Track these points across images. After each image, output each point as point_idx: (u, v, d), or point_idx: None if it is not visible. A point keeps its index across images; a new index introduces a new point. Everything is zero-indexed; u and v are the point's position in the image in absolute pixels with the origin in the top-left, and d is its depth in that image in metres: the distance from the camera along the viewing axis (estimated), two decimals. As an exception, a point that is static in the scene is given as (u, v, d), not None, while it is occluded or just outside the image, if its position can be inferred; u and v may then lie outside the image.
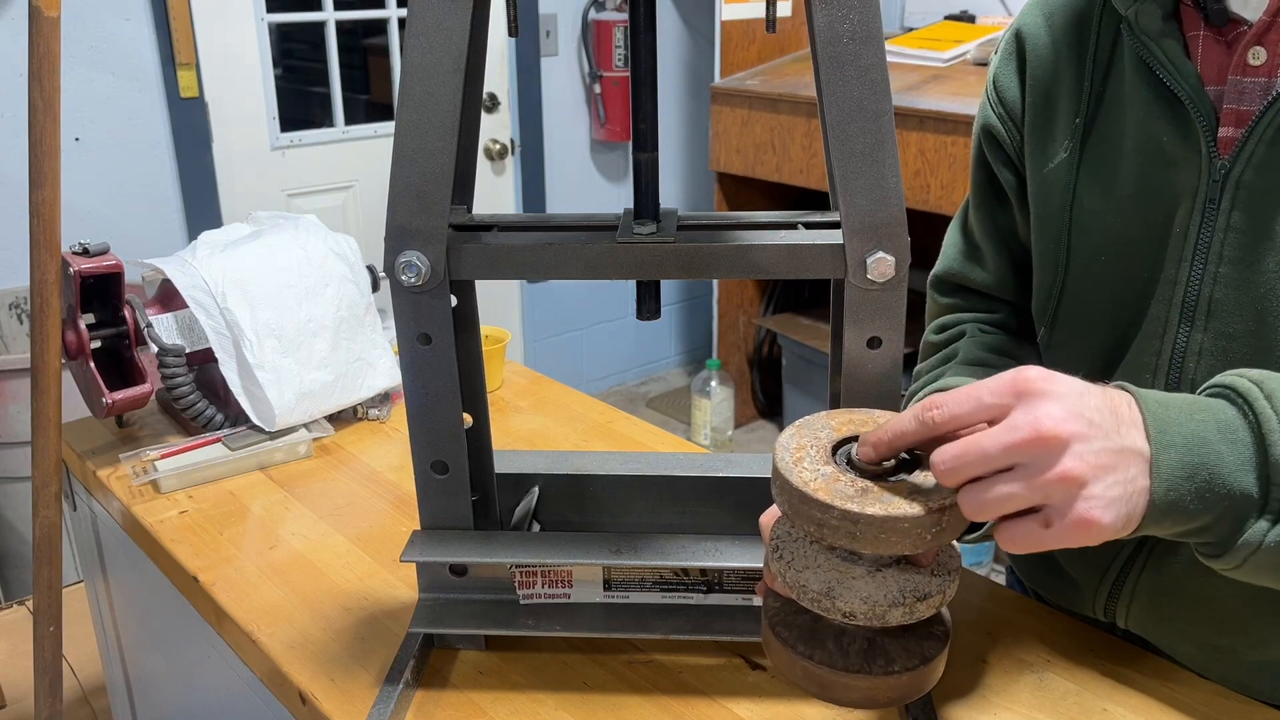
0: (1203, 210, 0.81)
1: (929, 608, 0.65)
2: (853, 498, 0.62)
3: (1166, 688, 0.88)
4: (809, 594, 0.66)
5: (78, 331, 1.29)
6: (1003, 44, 0.97)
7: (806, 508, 0.62)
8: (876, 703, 0.69)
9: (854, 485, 0.63)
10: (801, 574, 0.67)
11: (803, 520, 0.63)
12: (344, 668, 0.93)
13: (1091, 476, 0.60)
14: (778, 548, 0.70)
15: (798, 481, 0.63)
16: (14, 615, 2.37)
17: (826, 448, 0.66)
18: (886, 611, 0.64)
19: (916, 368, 1.06)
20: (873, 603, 0.64)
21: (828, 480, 0.63)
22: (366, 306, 1.41)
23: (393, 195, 0.79)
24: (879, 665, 0.68)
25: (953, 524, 0.63)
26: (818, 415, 0.70)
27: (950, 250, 1.07)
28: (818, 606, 0.66)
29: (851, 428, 0.68)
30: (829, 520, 0.62)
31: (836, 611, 0.65)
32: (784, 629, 0.71)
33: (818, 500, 0.62)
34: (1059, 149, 0.90)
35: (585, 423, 1.44)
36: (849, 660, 0.68)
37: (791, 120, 3.18)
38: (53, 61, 1.24)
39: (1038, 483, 0.59)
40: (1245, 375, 0.67)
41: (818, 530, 0.63)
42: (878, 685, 0.68)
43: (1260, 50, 0.77)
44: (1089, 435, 0.60)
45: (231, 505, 1.23)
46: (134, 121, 2.82)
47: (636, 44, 0.79)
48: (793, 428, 0.69)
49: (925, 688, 0.70)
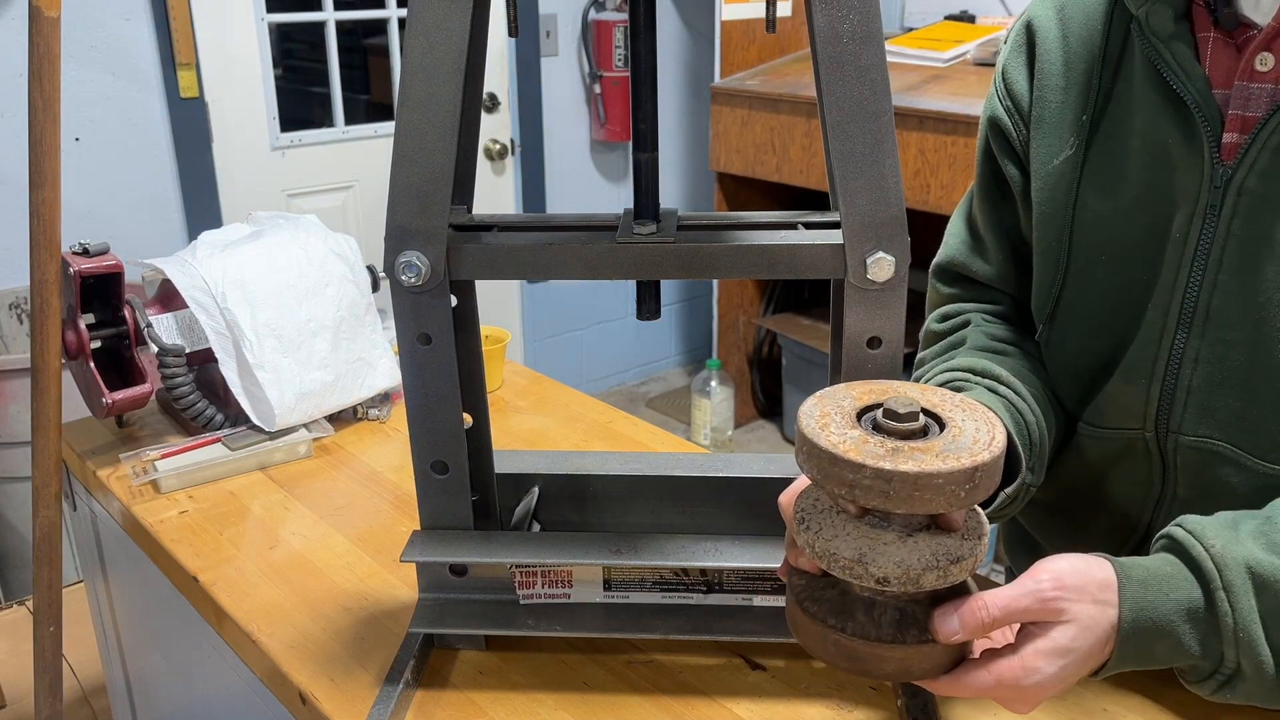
0: (1204, 216, 0.80)
1: (962, 570, 0.65)
2: (884, 457, 0.61)
3: (1166, 688, 0.88)
4: (840, 562, 0.65)
5: (78, 331, 1.29)
6: (1013, 35, 0.96)
7: (837, 469, 0.62)
8: (910, 674, 0.69)
9: (883, 446, 0.62)
10: (831, 542, 0.66)
11: (833, 483, 0.63)
12: (344, 668, 0.93)
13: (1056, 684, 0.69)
14: (804, 519, 0.68)
15: (827, 444, 0.63)
16: (14, 615, 2.37)
17: (850, 414, 0.66)
18: (921, 575, 0.63)
19: (918, 356, 1.06)
20: (906, 566, 0.63)
21: (857, 442, 0.63)
22: (366, 306, 1.41)
23: (393, 195, 0.79)
24: (912, 635, 0.67)
25: (985, 481, 0.63)
26: (836, 387, 0.70)
27: (953, 240, 1.06)
28: (850, 574, 0.65)
29: (872, 396, 0.68)
30: (861, 480, 0.61)
31: (869, 578, 0.64)
32: (812, 604, 0.70)
33: (849, 460, 0.61)
34: (1065, 146, 0.89)
35: (585, 423, 1.44)
36: (882, 631, 0.67)
37: (791, 120, 3.18)
38: (53, 61, 1.24)
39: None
40: (1211, 552, 0.72)
41: (849, 492, 0.62)
42: (911, 655, 0.67)
43: (1268, 56, 0.76)
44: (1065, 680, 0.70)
45: (231, 505, 1.23)
46: (134, 121, 2.82)
47: (636, 44, 0.79)
48: (814, 398, 0.68)
49: (959, 658, 0.69)
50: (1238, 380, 0.82)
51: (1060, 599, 0.68)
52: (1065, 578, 0.68)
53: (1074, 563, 0.70)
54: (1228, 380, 0.82)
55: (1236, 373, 0.81)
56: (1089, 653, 0.69)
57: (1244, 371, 0.81)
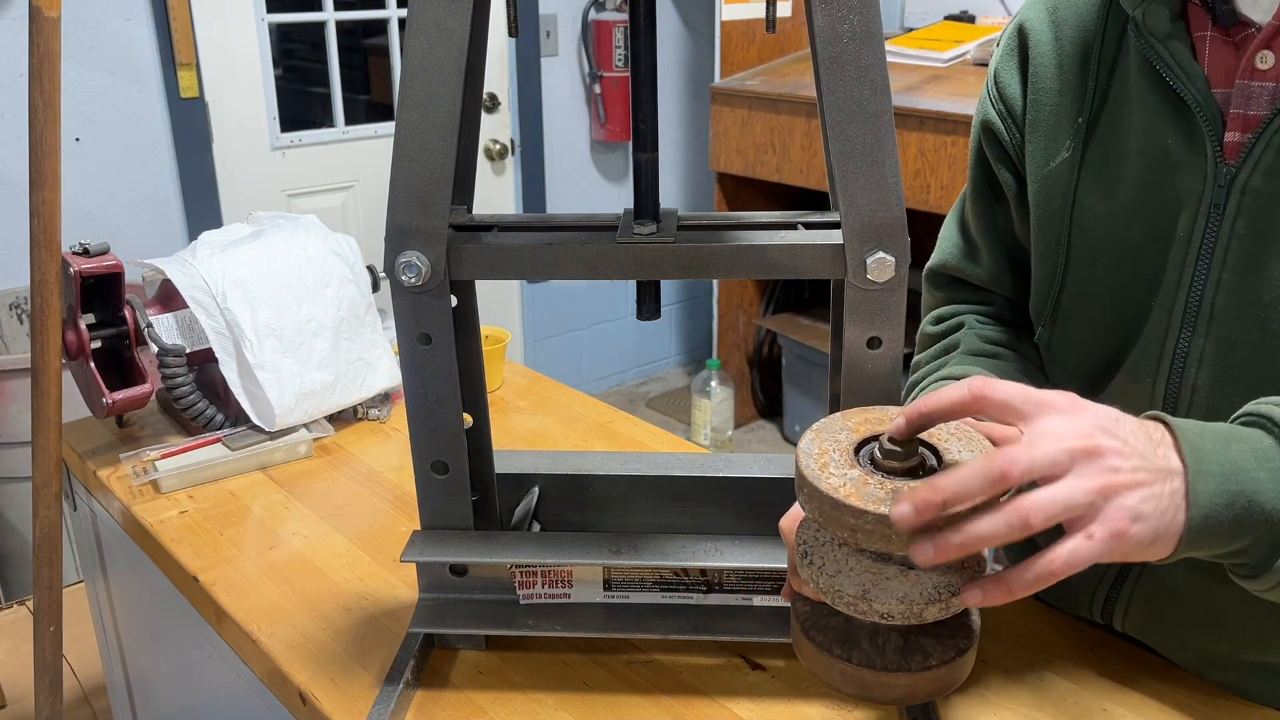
0: (1207, 215, 0.80)
1: (963, 602, 0.65)
2: (884, 500, 0.61)
3: (1166, 688, 0.88)
4: (845, 598, 0.66)
5: (78, 331, 1.29)
6: (1004, 39, 0.95)
7: (839, 514, 0.62)
8: (916, 698, 0.70)
9: (883, 488, 0.63)
10: (835, 579, 0.67)
11: (835, 527, 0.63)
12: (344, 668, 0.93)
13: (1126, 487, 0.62)
14: (806, 553, 0.69)
15: (828, 489, 0.63)
16: (14, 615, 2.37)
17: (848, 450, 0.66)
18: (924, 609, 0.64)
19: (914, 359, 1.06)
20: (909, 602, 0.64)
21: (857, 485, 0.63)
22: (366, 306, 1.41)
23: (393, 195, 0.79)
24: (916, 661, 0.68)
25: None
26: (833, 417, 0.70)
27: (946, 244, 1.06)
28: (854, 610, 0.66)
29: (868, 427, 0.68)
30: (863, 525, 0.62)
31: (874, 614, 0.65)
32: (817, 633, 0.71)
33: (850, 506, 0.62)
34: (1061, 148, 0.89)
35: (585, 423, 1.44)
36: (887, 659, 0.68)
37: (791, 120, 3.18)
38: (53, 61, 1.24)
39: (1081, 488, 0.61)
40: (1277, 404, 0.69)
41: (851, 536, 0.62)
42: (917, 681, 0.68)
43: (1269, 54, 0.76)
44: (1124, 451, 0.62)
45: (231, 505, 1.23)
46: (134, 121, 2.82)
47: (636, 44, 0.79)
48: (811, 432, 0.68)
49: (961, 679, 0.70)
50: (1243, 379, 0.82)
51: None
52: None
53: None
54: (1233, 379, 0.82)
55: (1242, 371, 0.81)
56: (1144, 432, 0.64)
57: (1249, 370, 0.81)
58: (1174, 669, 0.90)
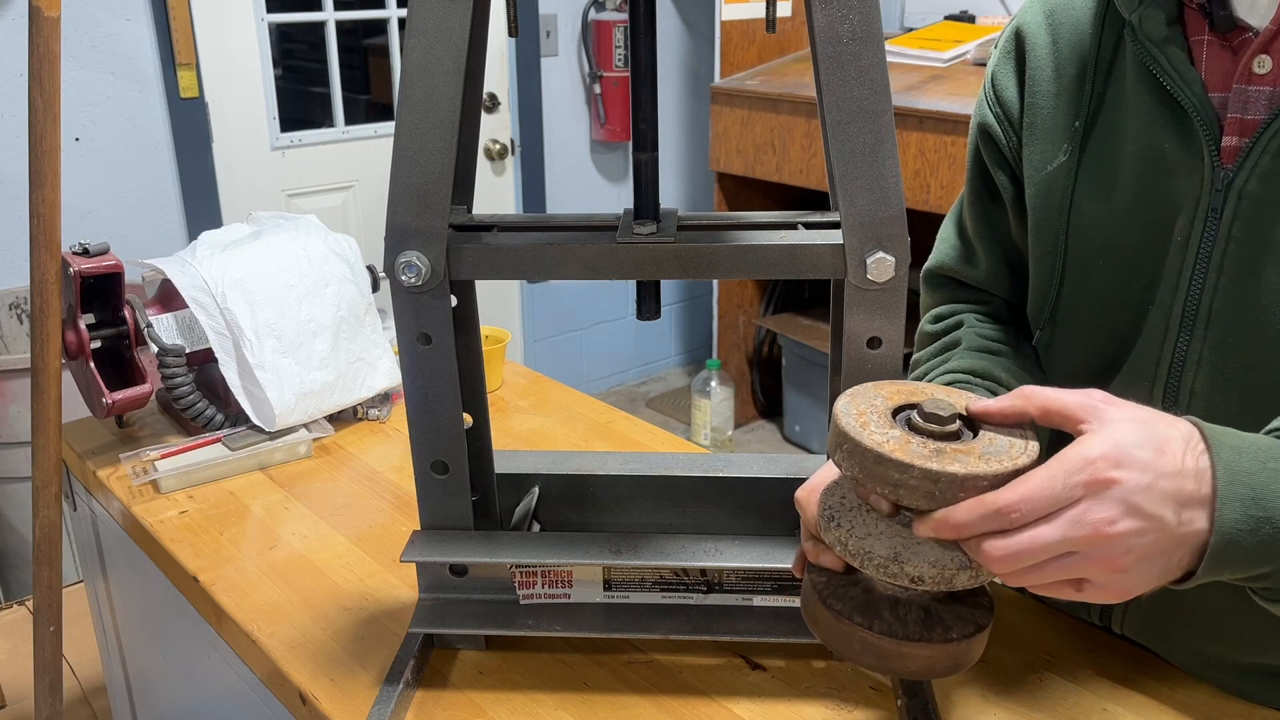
0: (1204, 219, 0.80)
1: (991, 571, 0.65)
2: (929, 457, 0.62)
3: (1166, 688, 0.88)
4: (875, 560, 0.65)
5: (78, 331, 1.29)
6: (1002, 41, 0.96)
7: (883, 469, 0.62)
8: (933, 671, 0.69)
9: (926, 447, 0.63)
10: (865, 541, 0.66)
11: (877, 482, 0.63)
12: (344, 668, 0.93)
13: (1133, 565, 0.61)
14: (833, 517, 0.68)
15: (871, 443, 0.62)
16: (14, 615, 2.37)
17: (885, 413, 0.66)
18: (955, 575, 0.64)
19: (914, 357, 1.06)
20: (941, 566, 0.64)
21: (900, 442, 0.63)
22: (366, 306, 1.41)
23: (393, 195, 0.79)
24: (938, 633, 0.67)
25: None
26: (863, 386, 0.70)
27: (943, 245, 1.06)
28: (884, 573, 0.65)
29: (901, 397, 0.68)
30: (907, 480, 0.61)
31: (904, 576, 0.64)
32: (836, 601, 0.70)
33: (895, 460, 0.61)
34: (1058, 152, 0.89)
35: (585, 423, 1.44)
36: (908, 629, 0.67)
37: (791, 120, 3.18)
38: (53, 61, 1.24)
39: (1080, 560, 0.61)
40: None
41: (893, 491, 0.62)
42: (936, 653, 0.67)
43: (1266, 59, 0.76)
44: (1144, 530, 0.61)
45: (231, 505, 1.23)
46: (134, 121, 2.82)
47: (636, 44, 0.79)
48: (845, 396, 0.68)
49: (975, 657, 0.70)
50: (1240, 382, 0.82)
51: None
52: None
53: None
54: (1230, 382, 0.82)
55: (1239, 375, 0.81)
56: (1176, 471, 0.62)
57: (1246, 374, 0.81)
58: (1173, 670, 0.90)
